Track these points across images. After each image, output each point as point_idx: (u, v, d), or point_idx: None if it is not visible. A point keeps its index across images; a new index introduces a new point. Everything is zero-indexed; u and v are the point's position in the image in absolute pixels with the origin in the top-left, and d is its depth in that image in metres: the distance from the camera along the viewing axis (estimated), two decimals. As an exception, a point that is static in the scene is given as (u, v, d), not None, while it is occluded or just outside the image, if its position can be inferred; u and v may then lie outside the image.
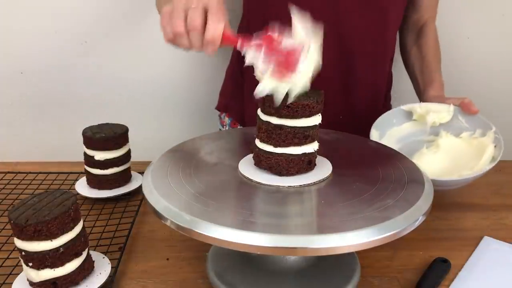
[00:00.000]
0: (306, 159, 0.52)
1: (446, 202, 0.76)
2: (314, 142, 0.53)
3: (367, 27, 0.80)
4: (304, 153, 0.52)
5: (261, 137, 0.53)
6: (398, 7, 0.85)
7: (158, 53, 1.14)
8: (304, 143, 0.51)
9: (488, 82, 1.21)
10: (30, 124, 1.17)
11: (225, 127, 1.00)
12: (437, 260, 0.59)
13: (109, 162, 0.73)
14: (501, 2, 1.13)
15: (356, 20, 0.79)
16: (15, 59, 1.11)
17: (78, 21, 1.09)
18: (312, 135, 0.52)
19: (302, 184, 0.51)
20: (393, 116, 0.80)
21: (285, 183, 0.51)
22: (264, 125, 0.52)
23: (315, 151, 0.53)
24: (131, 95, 1.17)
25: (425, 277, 0.56)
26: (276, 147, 0.51)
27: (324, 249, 0.40)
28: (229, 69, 1.00)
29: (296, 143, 0.51)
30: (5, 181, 0.80)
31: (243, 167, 0.54)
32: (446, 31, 1.15)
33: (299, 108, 0.50)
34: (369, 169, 0.56)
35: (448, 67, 1.20)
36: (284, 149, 0.51)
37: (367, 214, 0.44)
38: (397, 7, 0.85)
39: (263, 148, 0.52)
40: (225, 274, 0.54)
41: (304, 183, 0.51)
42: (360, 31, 0.80)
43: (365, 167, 0.57)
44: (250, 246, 0.40)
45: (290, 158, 0.51)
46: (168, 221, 0.44)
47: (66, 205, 0.49)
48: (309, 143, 0.52)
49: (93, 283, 0.52)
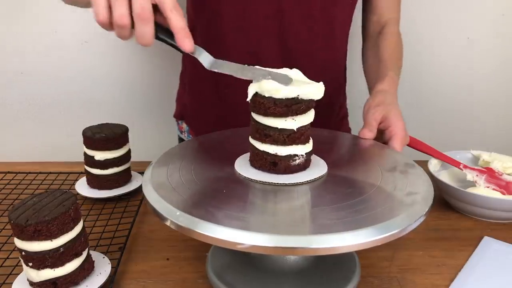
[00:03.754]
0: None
1: (446, 202, 0.76)
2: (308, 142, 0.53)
3: (313, 38, 0.79)
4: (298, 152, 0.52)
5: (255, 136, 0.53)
6: (345, 14, 0.83)
7: (158, 53, 1.14)
8: (264, 141, 0.51)
9: (488, 82, 1.22)
10: (30, 124, 1.17)
11: (183, 133, 0.97)
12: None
13: (109, 162, 0.73)
14: (501, 2, 1.13)
15: (302, 32, 0.77)
16: (15, 59, 1.11)
17: (78, 21, 1.09)
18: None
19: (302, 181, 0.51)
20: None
21: (286, 181, 0.51)
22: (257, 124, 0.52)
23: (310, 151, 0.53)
24: (131, 95, 1.17)
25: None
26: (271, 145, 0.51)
27: (324, 249, 0.40)
28: (182, 74, 0.96)
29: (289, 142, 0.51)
30: (5, 181, 0.80)
31: (244, 167, 0.54)
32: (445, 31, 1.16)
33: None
34: (369, 168, 0.56)
35: (448, 67, 1.20)
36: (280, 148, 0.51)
37: (367, 214, 0.44)
38: (344, 15, 0.82)
39: (259, 147, 0.52)
40: (225, 274, 0.54)
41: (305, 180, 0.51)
42: (306, 43, 0.78)
43: (366, 167, 0.57)
44: (250, 246, 0.40)
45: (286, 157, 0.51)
46: (168, 221, 0.44)
47: (66, 205, 0.49)
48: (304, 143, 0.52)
49: (93, 283, 0.52)
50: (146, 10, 0.46)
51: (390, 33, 0.85)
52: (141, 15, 0.46)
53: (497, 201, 0.68)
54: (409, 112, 1.21)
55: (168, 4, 0.47)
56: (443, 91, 1.22)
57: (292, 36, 0.77)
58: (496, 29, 1.16)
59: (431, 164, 0.78)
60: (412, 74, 1.15)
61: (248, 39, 0.77)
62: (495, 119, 1.26)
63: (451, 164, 0.78)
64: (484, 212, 0.70)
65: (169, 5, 0.47)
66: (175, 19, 0.47)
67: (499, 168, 0.77)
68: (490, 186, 0.75)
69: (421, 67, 1.19)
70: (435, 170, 0.79)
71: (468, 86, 1.22)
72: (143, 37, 0.48)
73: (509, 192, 0.74)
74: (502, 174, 0.76)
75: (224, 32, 0.76)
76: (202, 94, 0.87)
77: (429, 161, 0.79)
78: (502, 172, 0.76)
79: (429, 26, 1.14)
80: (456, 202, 0.73)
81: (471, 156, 0.83)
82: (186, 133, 0.96)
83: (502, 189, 0.74)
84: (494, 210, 0.69)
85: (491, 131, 1.27)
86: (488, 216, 0.71)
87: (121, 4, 0.46)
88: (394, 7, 0.88)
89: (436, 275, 0.58)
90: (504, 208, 0.68)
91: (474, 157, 0.83)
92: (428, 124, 1.24)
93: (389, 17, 0.87)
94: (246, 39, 0.77)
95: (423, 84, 1.21)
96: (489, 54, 1.18)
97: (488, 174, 0.76)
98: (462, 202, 0.71)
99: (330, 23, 0.79)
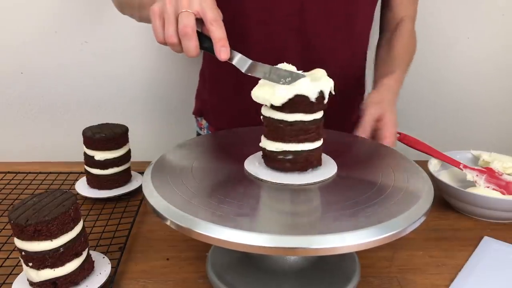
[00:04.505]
0: (311, 156, 0.52)
1: (446, 202, 0.76)
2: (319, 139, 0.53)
3: (334, 34, 0.79)
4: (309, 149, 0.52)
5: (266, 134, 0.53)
6: (366, 12, 0.83)
7: (158, 53, 1.14)
8: (309, 140, 0.51)
9: (488, 82, 1.22)
10: (30, 124, 1.17)
11: (203, 130, 0.98)
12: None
13: (109, 162, 0.73)
14: (501, 2, 1.13)
15: (322, 28, 0.78)
16: (15, 59, 1.11)
17: (78, 21, 1.09)
18: (317, 132, 0.52)
19: (303, 183, 0.51)
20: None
21: (287, 181, 0.51)
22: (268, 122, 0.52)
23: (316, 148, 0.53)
24: (131, 95, 1.17)
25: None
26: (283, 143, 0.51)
27: (324, 249, 0.40)
28: (201, 71, 0.97)
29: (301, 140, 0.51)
30: (5, 181, 0.80)
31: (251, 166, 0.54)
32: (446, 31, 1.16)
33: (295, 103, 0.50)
34: (370, 169, 0.56)
35: (448, 67, 1.20)
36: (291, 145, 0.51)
37: (367, 214, 0.44)
38: (365, 12, 0.83)
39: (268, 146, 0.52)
40: (225, 274, 0.54)
41: (306, 182, 0.51)
42: (327, 39, 0.79)
43: (366, 167, 0.57)
44: (250, 246, 0.40)
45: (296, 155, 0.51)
46: (168, 221, 0.44)
47: (66, 205, 0.49)
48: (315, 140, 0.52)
49: (93, 283, 0.52)
50: (188, 28, 0.52)
51: (404, 30, 0.86)
52: (183, 32, 0.52)
53: (497, 201, 0.68)
54: (409, 112, 1.21)
55: (209, 18, 0.53)
56: (443, 91, 1.22)
57: (313, 32, 0.78)
58: (496, 29, 1.16)
59: (431, 164, 0.78)
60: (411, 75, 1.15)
61: (270, 34, 0.79)
62: (495, 119, 1.26)
63: (451, 164, 0.78)
64: (484, 212, 0.70)
65: (210, 18, 0.53)
66: (214, 30, 0.53)
67: (499, 168, 0.77)
68: (490, 186, 0.75)
69: (421, 67, 1.19)
70: (435, 170, 0.79)
71: (468, 86, 1.22)
72: (188, 50, 0.54)
73: (509, 192, 0.74)
74: (502, 174, 0.76)
75: (248, 27, 0.78)
76: (222, 90, 0.88)
77: (429, 161, 0.79)
78: (502, 172, 0.76)
79: (429, 26, 1.14)
80: (456, 202, 0.73)
81: (471, 156, 0.83)
82: (206, 129, 0.97)
83: (502, 189, 0.74)
84: (494, 210, 0.69)
85: (491, 131, 1.27)
86: (488, 216, 0.71)
87: (169, 25, 0.53)
88: (410, 4, 0.89)
89: (436, 275, 0.58)
90: (504, 208, 0.68)
91: (474, 157, 0.83)
92: (428, 124, 1.25)
93: (404, 14, 0.88)
94: (269, 34, 0.79)
95: (423, 84, 1.21)
96: (488, 54, 1.18)
97: (488, 174, 0.76)
98: (462, 202, 0.71)
99: (351, 20, 0.80)
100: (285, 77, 0.51)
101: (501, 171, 0.77)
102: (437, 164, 0.80)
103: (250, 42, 0.79)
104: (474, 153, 0.83)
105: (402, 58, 0.83)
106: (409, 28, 0.87)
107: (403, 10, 0.88)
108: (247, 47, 0.77)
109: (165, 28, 0.54)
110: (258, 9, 0.76)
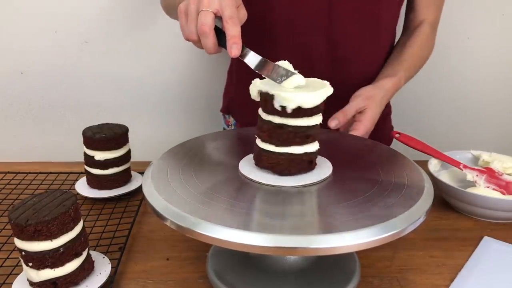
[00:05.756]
0: (307, 159, 0.52)
1: (446, 202, 0.76)
2: (315, 142, 0.53)
3: (360, 33, 0.80)
4: (305, 153, 0.52)
5: (262, 137, 0.52)
6: (392, 11, 0.84)
7: (158, 53, 1.14)
8: (306, 142, 0.51)
9: (488, 82, 1.22)
10: (30, 124, 1.17)
11: (230, 127, 1.00)
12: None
13: (109, 162, 0.73)
14: (501, 2, 1.13)
15: (349, 26, 0.79)
16: (15, 59, 1.11)
17: (78, 21, 1.09)
18: (314, 135, 0.52)
19: (302, 184, 0.51)
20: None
21: (285, 183, 0.51)
22: (265, 125, 0.52)
23: (316, 150, 0.53)
24: (131, 95, 1.17)
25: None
26: (277, 147, 0.51)
27: (324, 249, 0.40)
28: (230, 69, 0.99)
29: (298, 142, 0.51)
30: (5, 181, 0.80)
31: (243, 167, 0.54)
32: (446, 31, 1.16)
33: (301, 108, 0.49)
34: (369, 169, 0.56)
35: (448, 67, 1.20)
36: (286, 148, 0.51)
37: (367, 214, 0.44)
38: (391, 12, 0.84)
39: (264, 148, 0.52)
40: (225, 274, 0.54)
41: (304, 183, 0.51)
42: (353, 37, 0.80)
43: (365, 167, 0.57)
44: (250, 246, 0.40)
45: (291, 158, 0.51)
46: (168, 221, 0.44)
47: (66, 205, 0.49)
48: (310, 143, 0.52)
49: (93, 283, 0.52)
50: (205, 26, 0.54)
51: (420, 34, 0.86)
52: (201, 31, 0.55)
53: (497, 201, 0.68)
54: (409, 112, 1.21)
55: (225, 15, 0.55)
56: (442, 91, 1.22)
57: (340, 30, 0.79)
58: (496, 29, 1.16)
59: (431, 164, 0.78)
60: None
61: (297, 31, 0.79)
62: (495, 119, 1.26)
63: (451, 164, 0.78)
64: (484, 212, 0.70)
65: (226, 16, 0.55)
66: (228, 28, 0.55)
67: (499, 168, 0.77)
68: (490, 186, 0.75)
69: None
70: (435, 170, 0.79)
71: (468, 86, 1.22)
72: (207, 48, 0.56)
73: (509, 192, 0.74)
74: (502, 174, 0.76)
75: (274, 24, 0.79)
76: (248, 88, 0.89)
77: (429, 161, 0.79)
78: (502, 172, 0.76)
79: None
80: (456, 202, 0.73)
81: (471, 156, 0.83)
82: (233, 126, 0.98)
83: (502, 189, 0.74)
84: (494, 210, 0.69)
85: (491, 131, 1.27)
86: (488, 216, 0.71)
87: (191, 23, 0.56)
88: (433, 9, 0.88)
89: (436, 275, 0.58)
90: (504, 208, 0.68)
91: (474, 157, 0.83)
92: (428, 124, 1.24)
93: (425, 18, 0.88)
94: (295, 31, 0.79)
95: (423, 84, 1.20)
96: (488, 54, 1.18)
97: (488, 174, 0.76)
98: (462, 202, 0.71)
99: (377, 19, 0.80)
100: (282, 75, 0.52)
101: (501, 171, 0.77)
102: (437, 164, 0.80)
103: (277, 39, 0.80)
104: (474, 153, 0.83)
105: (410, 62, 0.84)
106: (426, 32, 0.87)
107: (425, 14, 0.88)
108: (275, 44, 0.81)
109: (188, 26, 0.57)
110: (286, 7, 0.78)
